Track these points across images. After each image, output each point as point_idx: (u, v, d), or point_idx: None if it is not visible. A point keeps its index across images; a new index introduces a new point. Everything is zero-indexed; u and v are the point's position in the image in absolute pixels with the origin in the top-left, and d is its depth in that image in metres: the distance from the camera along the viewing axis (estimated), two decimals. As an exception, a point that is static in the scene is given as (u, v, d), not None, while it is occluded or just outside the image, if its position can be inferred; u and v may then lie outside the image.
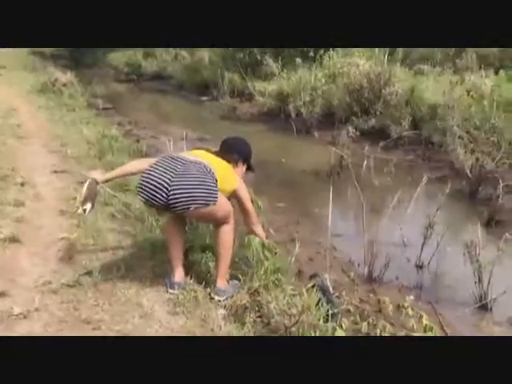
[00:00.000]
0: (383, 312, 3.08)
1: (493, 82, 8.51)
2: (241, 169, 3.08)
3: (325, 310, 2.62)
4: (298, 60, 11.36)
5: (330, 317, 2.58)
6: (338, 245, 4.24)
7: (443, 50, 12.72)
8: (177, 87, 15.44)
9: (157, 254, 3.24)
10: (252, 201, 3.40)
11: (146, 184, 2.57)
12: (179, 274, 2.82)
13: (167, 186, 2.51)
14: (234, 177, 2.92)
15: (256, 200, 3.65)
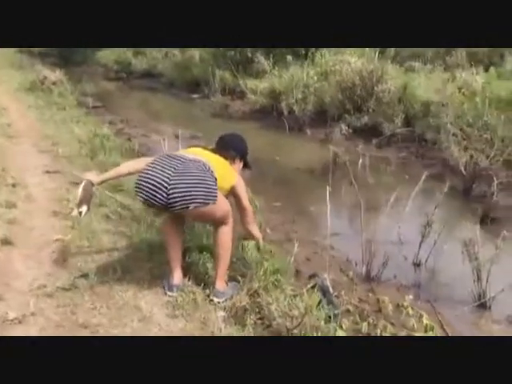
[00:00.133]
0: (383, 312, 3.07)
1: (483, 79, 8.56)
2: (238, 166, 3.04)
3: (326, 311, 2.59)
4: (290, 58, 11.33)
5: (332, 318, 2.55)
6: (335, 243, 4.20)
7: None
8: (167, 85, 15.31)
9: (154, 255, 3.19)
10: (249, 200, 3.38)
11: (145, 183, 2.52)
12: (178, 276, 2.77)
13: (166, 185, 2.46)
14: (233, 174, 2.88)
15: (253, 199, 3.62)
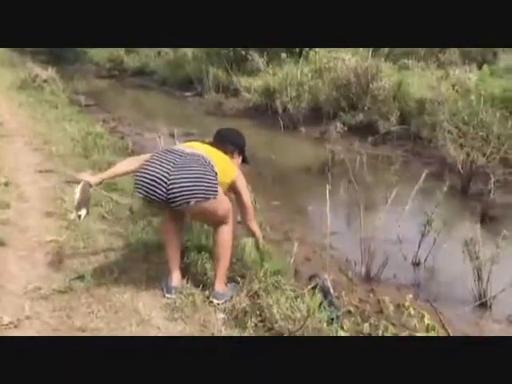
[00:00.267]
0: (384, 312, 3.03)
1: (477, 77, 8.57)
2: (236, 160, 2.96)
3: (327, 313, 2.55)
4: (283, 55, 11.27)
5: (334, 319, 2.51)
6: (334, 243, 4.15)
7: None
8: (160, 83, 15.21)
9: (150, 256, 3.13)
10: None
11: (144, 179, 2.44)
12: (176, 278, 2.71)
13: (166, 180, 2.39)
14: (233, 168, 2.81)
15: (254, 199, 3.58)
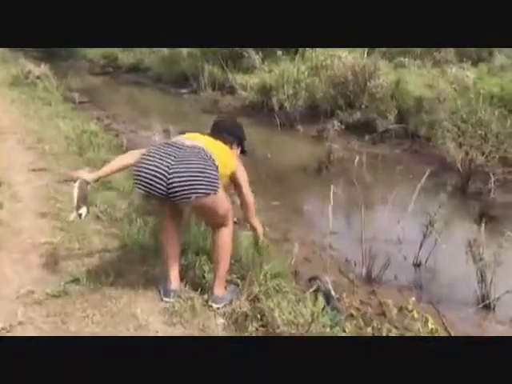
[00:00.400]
0: (387, 315, 2.97)
1: (474, 75, 8.53)
2: (235, 151, 2.86)
3: (330, 317, 2.49)
4: (279, 52, 11.18)
5: (338, 324, 2.45)
6: (333, 243, 4.10)
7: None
8: (155, 80, 15.05)
9: (147, 258, 3.05)
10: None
11: (144, 173, 2.34)
12: (175, 281, 2.62)
13: (166, 174, 2.29)
14: (233, 159, 2.71)
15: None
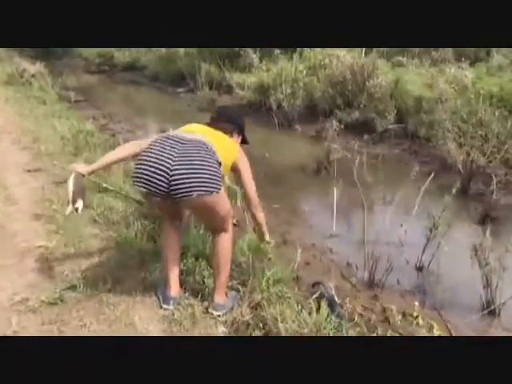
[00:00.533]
0: (391, 321, 2.90)
1: (473, 75, 8.47)
2: (236, 140, 2.78)
3: (334, 325, 2.42)
4: (277, 51, 11.10)
5: (343, 332, 2.38)
6: (334, 246, 4.04)
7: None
8: (151, 78, 14.97)
9: (146, 263, 2.98)
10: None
11: (144, 170, 2.26)
12: (174, 288, 2.55)
13: (168, 171, 2.21)
14: (234, 148, 2.62)
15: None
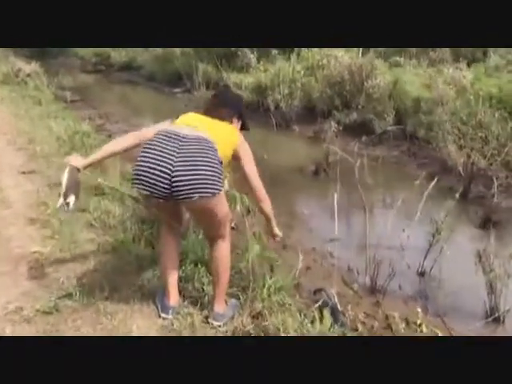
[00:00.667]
0: (393, 329, 2.85)
1: (472, 75, 8.43)
2: (236, 126, 2.60)
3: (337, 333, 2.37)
4: (274, 51, 11.04)
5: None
6: (335, 250, 3.97)
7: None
8: (148, 78, 14.87)
9: (144, 269, 2.91)
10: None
11: (144, 171, 2.16)
12: (174, 296, 2.47)
13: (169, 172, 2.12)
14: (234, 135, 2.44)
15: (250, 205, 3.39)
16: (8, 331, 2.25)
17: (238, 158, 2.44)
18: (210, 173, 2.16)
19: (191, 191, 2.13)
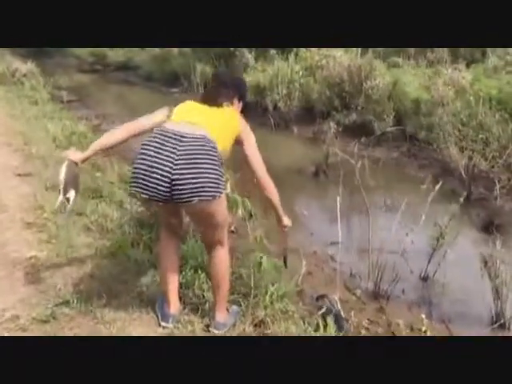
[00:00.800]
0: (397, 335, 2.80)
1: (471, 76, 8.39)
2: (237, 107, 2.47)
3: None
4: (272, 51, 10.96)
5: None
6: (336, 254, 3.91)
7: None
8: (145, 78, 14.79)
9: (143, 275, 2.84)
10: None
11: (142, 174, 2.09)
12: (174, 304, 2.40)
13: (169, 175, 2.05)
14: (235, 119, 2.33)
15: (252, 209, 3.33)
16: (3, 341, 2.17)
17: (241, 143, 2.34)
18: (211, 176, 2.09)
19: (191, 194, 2.07)
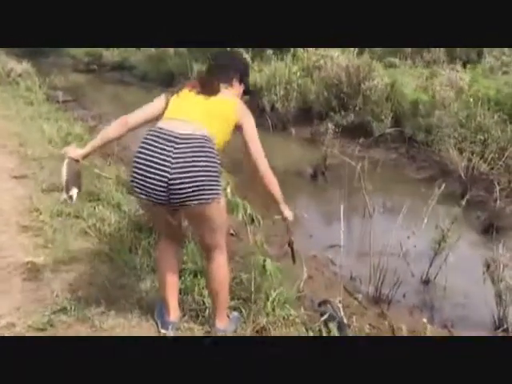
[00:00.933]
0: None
1: (469, 77, 8.37)
2: (237, 90, 2.35)
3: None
4: (269, 51, 10.91)
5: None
6: (336, 257, 3.87)
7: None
8: (140, 78, 14.72)
9: (142, 281, 2.79)
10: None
11: (141, 176, 2.05)
12: (174, 311, 2.35)
13: (166, 178, 1.99)
14: (233, 108, 2.21)
15: (253, 213, 3.29)
16: None
17: (240, 128, 2.24)
18: (209, 177, 2.05)
19: (189, 197, 2.03)
